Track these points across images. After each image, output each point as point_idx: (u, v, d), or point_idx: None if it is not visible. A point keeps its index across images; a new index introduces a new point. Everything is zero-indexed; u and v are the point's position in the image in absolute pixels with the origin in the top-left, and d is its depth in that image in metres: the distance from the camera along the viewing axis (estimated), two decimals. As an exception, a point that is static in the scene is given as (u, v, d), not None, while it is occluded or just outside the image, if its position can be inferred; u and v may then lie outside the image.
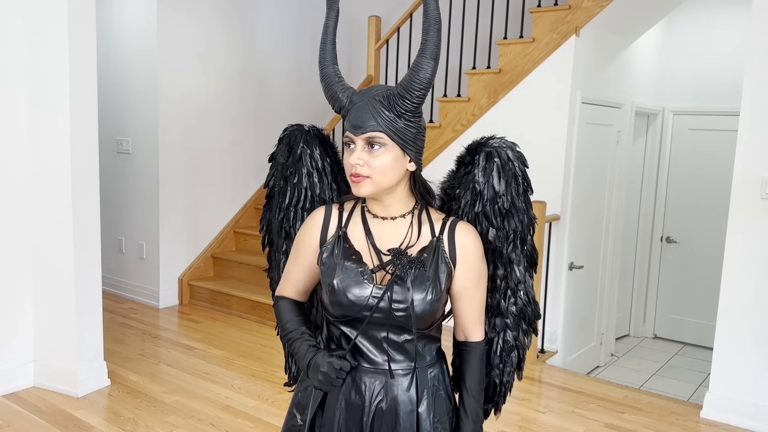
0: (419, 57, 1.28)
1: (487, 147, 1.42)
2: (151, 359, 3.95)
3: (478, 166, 1.41)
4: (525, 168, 1.44)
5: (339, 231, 1.39)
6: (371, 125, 1.28)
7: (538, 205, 3.95)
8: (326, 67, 1.38)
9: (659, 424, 3.29)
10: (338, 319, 1.37)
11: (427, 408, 1.40)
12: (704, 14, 5.39)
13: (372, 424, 1.38)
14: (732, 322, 3.31)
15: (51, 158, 3.27)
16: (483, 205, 1.41)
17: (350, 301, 1.33)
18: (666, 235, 5.75)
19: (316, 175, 1.51)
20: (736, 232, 3.28)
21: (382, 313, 1.32)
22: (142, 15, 4.82)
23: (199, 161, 5.11)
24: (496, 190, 1.40)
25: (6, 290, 3.32)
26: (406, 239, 1.37)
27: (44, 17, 3.20)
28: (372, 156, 1.29)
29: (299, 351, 1.42)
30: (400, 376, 1.38)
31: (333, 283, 1.34)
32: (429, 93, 1.34)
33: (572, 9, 4.13)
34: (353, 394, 1.39)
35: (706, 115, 5.45)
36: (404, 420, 1.38)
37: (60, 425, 3.07)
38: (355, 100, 1.32)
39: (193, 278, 5.15)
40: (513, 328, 1.50)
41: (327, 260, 1.37)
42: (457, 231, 1.38)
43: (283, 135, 1.55)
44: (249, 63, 5.40)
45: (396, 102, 1.28)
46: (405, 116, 1.29)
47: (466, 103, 4.58)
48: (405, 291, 1.31)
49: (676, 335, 5.76)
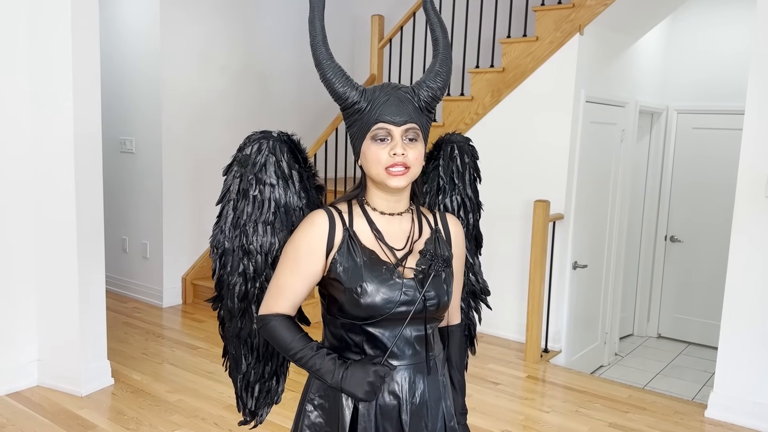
0: (436, 61, 1.39)
1: (449, 143, 1.57)
2: (155, 358, 3.95)
3: (442, 161, 1.56)
4: (476, 160, 1.59)
5: (348, 231, 1.36)
6: (411, 118, 1.32)
7: (542, 204, 3.94)
8: (332, 60, 1.35)
9: (664, 424, 3.28)
10: (365, 321, 1.34)
11: (446, 393, 1.46)
12: (708, 12, 5.37)
13: (410, 422, 1.38)
14: (737, 322, 3.29)
15: (55, 157, 3.28)
16: (444, 196, 1.56)
17: (384, 299, 1.31)
18: (670, 234, 5.73)
19: (282, 184, 1.42)
20: (741, 230, 3.26)
21: (413, 306, 1.34)
22: (145, 15, 4.82)
23: (203, 160, 5.11)
24: (455, 182, 1.56)
25: (10, 289, 3.33)
26: (411, 233, 1.40)
27: (47, 17, 3.21)
28: (410, 147, 1.32)
29: (322, 367, 1.33)
30: (425, 368, 1.40)
31: (363, 284, 1.31)
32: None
33: (576, 7, 4.12)
34: (386, 396, 1.37)
35: (711, 113, 5.43)
36: (432, 409, 1.41)
37: (63, 424, 3.07)
38: (380, 94, 1.32)
39: (197, 277, 5.16)
40: (464, 307, 1.64)
41: (347, 263, 1.33)
42: (448, 222, 1.48)
43: (243, 143, 1.43)
44: (252, 62, 5.40)
45: (423, 98, 1.34)
46: (427, 114, 1.37)
47: (470, 102, 4.57)
48: (437, 284, 1.36)
49: (680, 335, 5.75)
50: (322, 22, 1.36)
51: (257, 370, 1.56)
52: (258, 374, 1.56)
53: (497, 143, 4.37)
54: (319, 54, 1.35)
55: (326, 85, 1.34)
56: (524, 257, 4.23)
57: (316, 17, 1.35)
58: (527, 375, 3.89)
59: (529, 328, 4.06)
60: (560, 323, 4.35)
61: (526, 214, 4.24)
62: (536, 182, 4.25)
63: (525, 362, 4.05)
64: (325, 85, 1.34)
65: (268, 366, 1.57)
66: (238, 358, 1.55)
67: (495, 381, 3.74)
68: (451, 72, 1.39)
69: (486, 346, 4.24)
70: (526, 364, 4.03)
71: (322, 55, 1.34)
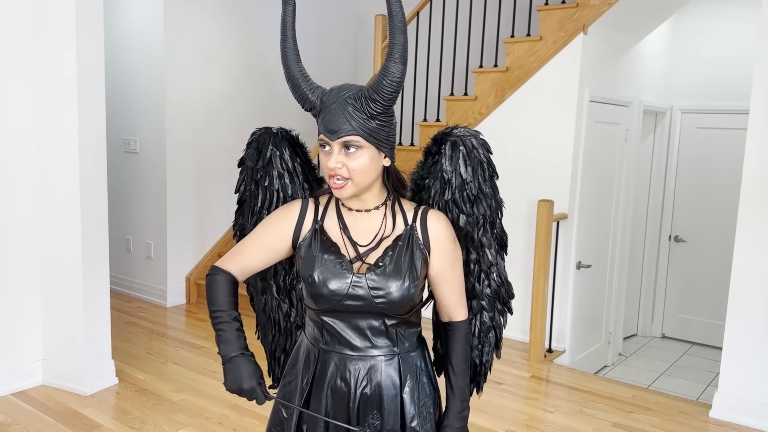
0: (387, 61, 1.30)
1: (452, 136, 1.46)
2: (159, 358, 3.96)
3: (445, 155, 1.46)
4: (489, 154, 1.48)
5: (315, 225, 1.42)
6: (346, 129, 1.30)
7: (546, 204, 3.94)
8: (291, 67, 1.36)
9: (668, 424, 3.27)
10: (319, 310, 1.41)
11: (410, 392, 1.44)
12: (713, 11, 5.36)
13: (358, 410, 1.42)
14: (741, 322, 3.28)
15: (59, 158, 3.29)
16: (452, 192, 1.46)
17: (331, 291, 1.36)
18: (674, 234, 5.72)
19: (287, 177, 1.54)
20: (745, 230, 3.25)
21: (363, 301, 1.37)
22: (149, 15, 4.83)
23: (207, 160, 5.12)
24: (463, 177, 1.46)
25: (15, 289, 3.34)
26: (380, 230, 1.41)
27: (52, 18, 3.21)
28: (349, 158, 1.32)
29: (224, 336, 1.42)
30: (384, 361, 1.42)
31: (313, 275, 1.37)
32: (399, 93, 1.35)
33: (580, 7, 4.11)
34: (339, 381, 1.42)
35: (715, 113, 5.41)
36: (388, 404, 1.42)
37: (68, 423, 3.08)
38: (327, 101, 1.32)
39: (201, 277, 5.16)
40: (489, 309, 1.56)
41: (305, 253, 1.40)
42: (428, 218, 1.42)
43: (251, 139, 1.56)
44: (255, 62, 5.40)
45: (368, 105, 1.30)
46: (378, 117, 1.32)
47: (473, 102, 4.57)
48: (383, 279, 1.36)
49: (684, 335, 5.73)
50: (292, 22, 1.36)
51: (280, 343, 1.69)
52: (281, 346, 1.69)
53: (501, 143, 4.35)
54: (283, 58, 1.37)
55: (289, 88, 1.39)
56: (528, 257, 4.22)
57: (287, 16, 1.35)
58: (531, 375, 3.88)
59: (533, 328, 4.05)
60: (564, 323, 4.34)
61: (530, 213, 4.23)
62: (540, 182, 4.24)
63: (529, 362, 4.05)
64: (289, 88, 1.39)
65: (288, 340, 1.68)
66: (266, 329, 1.70)
67: (499, 381, 3.74)
68: (405, 68, 1.30)
69: (490, 346, 4.23)
70: (529, 364, 4.02)
71: (286, 58, 1.37)
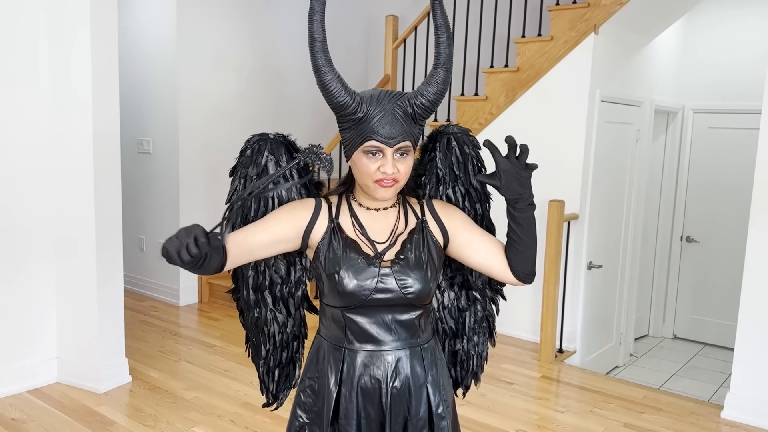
0: (436, 68, 1.38)
1: (445, 134, 1.55)
2: (172, 356, 3.99)
3: (439, 152, 1.55)
4: (478, 150, 1.57)
5: (332, 223, 1.44)
6: (403, 136, 1.35)
7: (557, 204, 3.94)
8: (332, 69, 1.35)
9: (679, 425, 3.27)
10: (345, 308, 1.41)
11: (433, 380, 1.48)
12: (725, 10, 5.32)
13: (390, 405, 1.44)
14: (753, 322, 3.27)
15: (73, 158, 3.32)
16: (446, 187, 1.56)
17: (360, 286, 1.38)
18: (686, 235, 5.69)
19: (283, 183, 1.51)
20: (757, 230, 3.24)
21: (392, 294, 1.40)
22: (162, 17, 4.87)
23: (219, 160, 5.15)
24: (456, 173, 1.55)
25: (30, 288, 3.38)
26: (395, 226, 1.46)
27: (68, 21, 3.25)
28: (400, 162, 1.37)
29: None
30: (408, 354, 1.45)
31: (340, 272, 1.39)
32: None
33: (591, 6, 4.11)
34: (368, 379, 1.44)
35: (727, 113, 5.38)
36: (416, 395, 1.45)
37: (83, 420, 3.12)
38: (373, 110, 1.34)
39: (213, 276, 5.19)
40: (481, 299, 1.64)
41: (326, 252, 1.42)
42: (435, 206, 1.50)
43: (245, 147, 1.54)
44: (267, 63, 5.43)
45: (417, 111, 1.37)
46: (420, 122, 1.40)
47: (484, 102, 4.57)
48: (408, 270, 1.40)
49: (696, 335, 5.70)
50: (322, 24, 1.34)
51: (275, 357, 1.65)
52: (276, 360, 1.66)
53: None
54: (318, 60, 1.34)
55: (323, 92, 1.36)
56: (539, 257, 4.21)
57: (315, 19, 1.34)
58: (542, 375, 3.88)
59: (544, 328, 4.05)
60: (575, 323, 4.33)
61: (541, 213, 4.22)
62: (551, 182, 4.23)
63: (539, 362, 4.05)
64: (322, 92, 1.36)
65: (284, 353, 1.65)
66: (258, 345, 1.65)
67: (509, 381, 3.74)
68: (449, 81, 1.40)
69: (500, 346, 4.24)
70: (540, 364, 4.02)
71: (321, 61, 1.34)
